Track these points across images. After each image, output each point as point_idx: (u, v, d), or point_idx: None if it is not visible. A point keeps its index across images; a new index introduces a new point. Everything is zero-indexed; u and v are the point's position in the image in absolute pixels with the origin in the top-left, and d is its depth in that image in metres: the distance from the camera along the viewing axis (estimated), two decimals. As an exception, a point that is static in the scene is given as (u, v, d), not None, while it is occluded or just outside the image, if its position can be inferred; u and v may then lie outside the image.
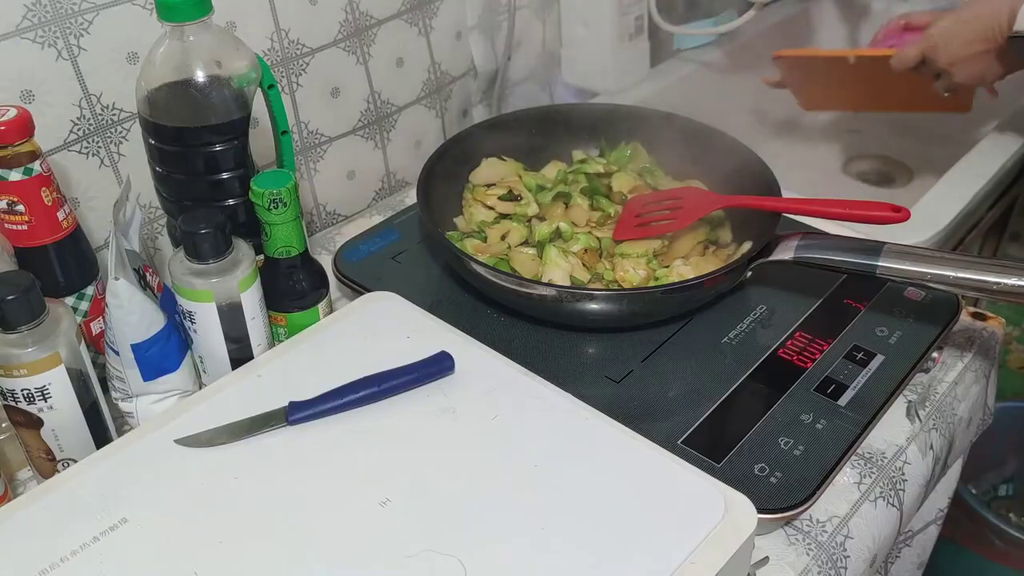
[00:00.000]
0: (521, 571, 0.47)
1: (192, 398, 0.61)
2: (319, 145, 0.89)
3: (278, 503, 0.52)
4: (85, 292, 0.64)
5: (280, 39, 0.82)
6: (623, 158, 0.88)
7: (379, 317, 0.66)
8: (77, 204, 0.73)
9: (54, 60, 0.68)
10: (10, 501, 0.54)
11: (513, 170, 0.85)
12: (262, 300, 0.65)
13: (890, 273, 0.64)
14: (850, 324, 0.71)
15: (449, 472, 0.52)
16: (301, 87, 0.85)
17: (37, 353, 0.55)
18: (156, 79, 0.63)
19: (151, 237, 0.79)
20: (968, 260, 0.61)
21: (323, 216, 0.93)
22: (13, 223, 0.60)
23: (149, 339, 0.59)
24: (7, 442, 0.62)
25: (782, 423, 0.63)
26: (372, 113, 0.93)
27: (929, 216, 0.89)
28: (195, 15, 0.61)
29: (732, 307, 0.73)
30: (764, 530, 0.58)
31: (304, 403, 0.57)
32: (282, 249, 0.65)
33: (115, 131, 0.73)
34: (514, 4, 1.03)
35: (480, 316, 0.73)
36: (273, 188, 0.62)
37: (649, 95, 1.14)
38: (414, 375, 0.59)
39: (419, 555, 0.48)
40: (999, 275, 0.59)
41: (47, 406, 0.57)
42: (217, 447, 0.55)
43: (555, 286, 0.70)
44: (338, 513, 0.51)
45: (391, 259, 0.80)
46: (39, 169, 0.59)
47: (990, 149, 1.00)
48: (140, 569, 0.49)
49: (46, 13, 0.66)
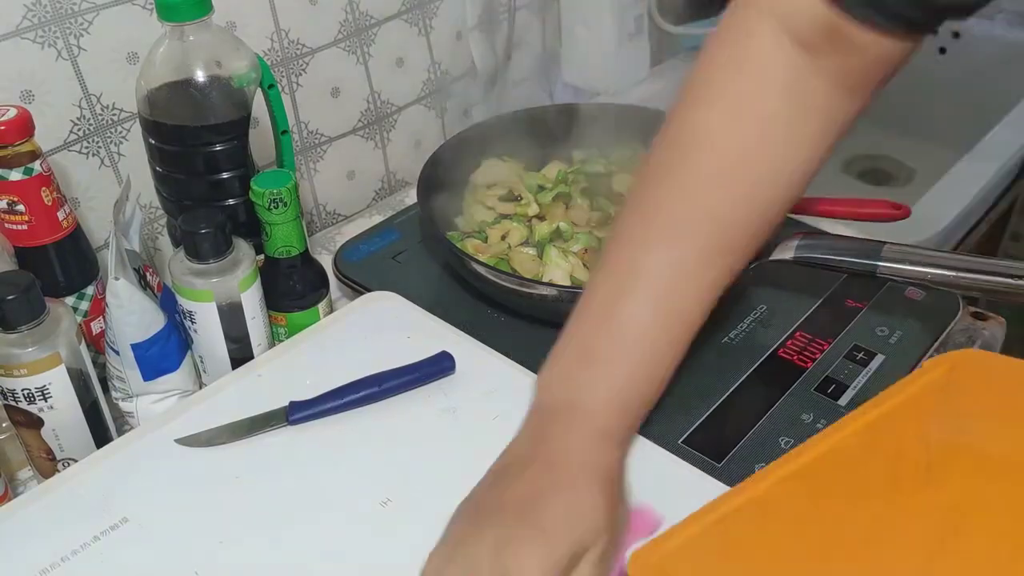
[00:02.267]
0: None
1: (192, 398, 0.61)
2: (319, 145, 0.89)
3: (278, 503, 0.52)
4: (85, 292, 0.64)
5: (280, 39, 0.82)
6: (624, 158, 0.88)
7: (379, 317, 0.66)
8: (77, 204, 0.73)
9: (54, 60, 0.68)
10: (10, 501, 0.55)
11: (513, 170, 0.85)
12: (262, 300, 0.65)
13: (890, 273, 0.64)
14: (850, 324, 0.71)
15: (449, 472, 0.52)
16: (301, 87, 0.85)
17: (37, 353, 0.55)
18: (156, 79, 0.63)
19: (151, 237, 0.79)
20: (968, 260, 0.61)
21: (323, 216, 0.93)
22: (13, 223, 0.60)
23: (149, 339, 0.59)
24: (7, 442, 0.62)
25: (782, 423, 0.63)
26: (372, 113, 0.93)
27: (929, 216, 0.89)
28: (195, 15, 0.61)
29: (732, 307, 0.73)
30: (764, 530, 0.58)
31: (304, 403, 0.57)
32: (282, 249, 0.65)
33: (115, 131, 0.73)
34: (514, 4, 1.03)
35: (480, 316, 0.73)
36: (273, 188, 0.62)
37: (649, 95, 1.14)
38: (414, 375, 0.59)
39: (419, 555, 0.48)
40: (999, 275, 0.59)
41: (47, 406, 0.56)
42: (217, 447, 0.56)
43: (555, 286, 0.70)
44: (338, 513, 0.51)
45: (391, 259, 0.80)
46: (39, 169, 0.59)
47: (990, 149, 1.00)
48: (140, 569, 0.49)
49: (46, 13, 0.66)
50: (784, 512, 0.45)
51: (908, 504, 0.43)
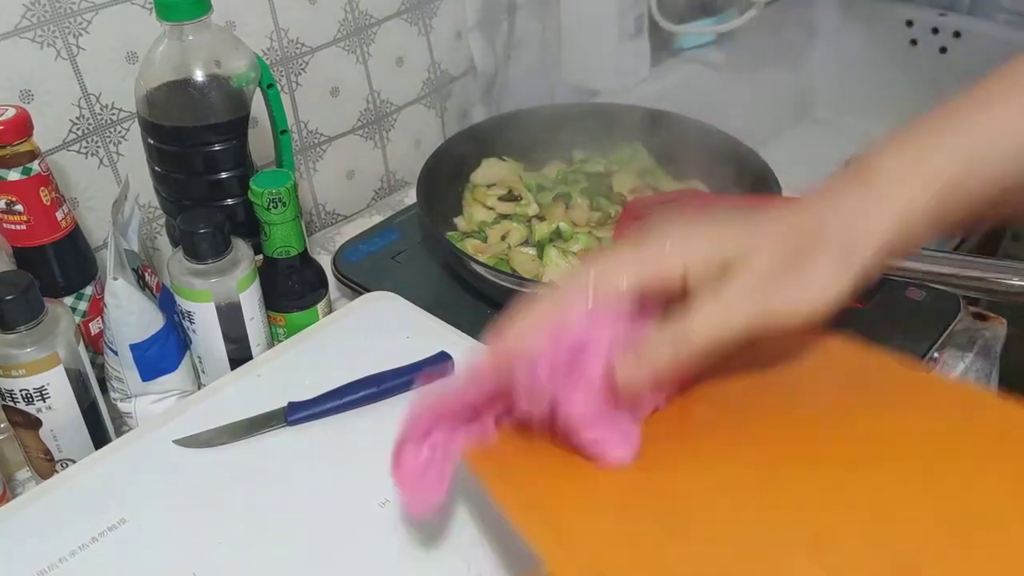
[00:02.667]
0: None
1: (191, 398, 0.61)
2: (318, 145, 0.89)
3: (277, 504, 0.52)
4: (84, 292, 0.64)
5: (279, 38, 0.82)
6: (624, 158, 0.88)
7: (379, 317, 0.66)
8: (76, 204, 0.72)
9: (53, 60, 0.68)
10: (9, 502, 0.54)
11: (513, 170, 0.85)
12: (261, 300, 0.65)
13: (890, 273, 0.64)
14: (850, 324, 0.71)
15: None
16: (300, 86, 0.85)
17: (36, 353, 0.54)
18: (155, 79, 0.63)
19: (150, 237, 0.79)
20: (968, 260, 0.61)
21: (323, 216, 0.93)
22: (12, 223, 0.59)
23: (148, 339, 0.59)
24: (6, 442, 0.62)
25: (782, 423, 0.62)
26: (372, 113, 0.92)
27: (929, 216, 0.88)
28: (194, 14, 0.61)
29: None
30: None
31: (303, 403, 0.57)
32: (281, 249, 0.65)
33: (114, 131, 0.73)
34: (514, 4, 1.03)
35: (480, 316, 0.73)
36: (272, 188, 0.62)
37: (649, 95, 1.14)
38: (413, 375, 0.59)
39: (418, 555, 0.47)
40: (999, 275, 0.59)
41: (46, 406, 0.56)
42: (216, 447, 0.55)
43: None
44: (337, 514, 0.51)
45: (391, 259, 0.80)
46: (38, 169, 0.59)
47: (991, 149, 1.00)
48: (138, 570, 0.49)
49: (45, 13, 0.66)
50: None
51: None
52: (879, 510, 0.39)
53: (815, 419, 0.45)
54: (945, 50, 1.31)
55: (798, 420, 0.45)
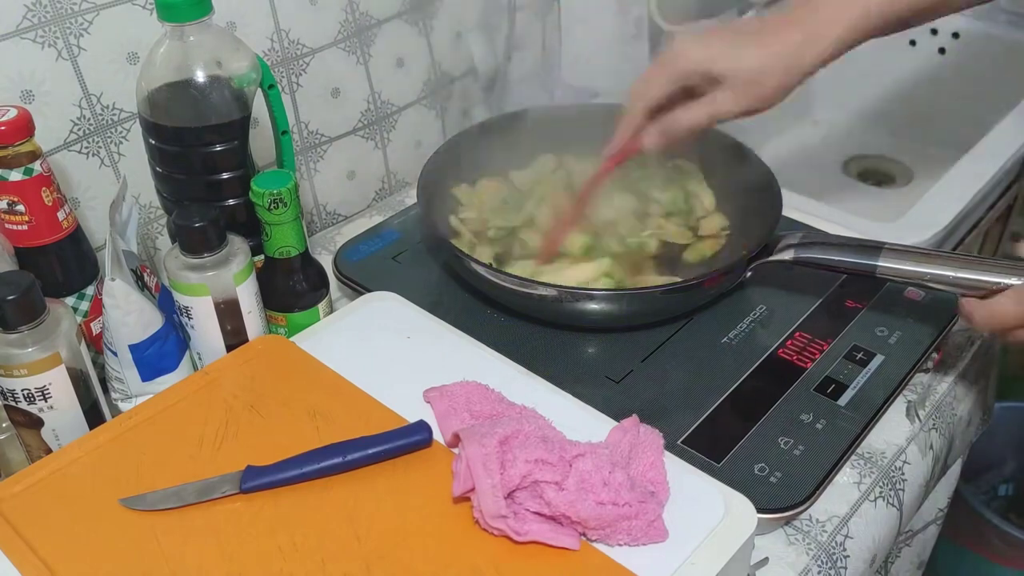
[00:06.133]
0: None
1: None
2: (319, 145, 0.89)
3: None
4: (85, 292, 0.64)
5: (280, 39, 0.82)
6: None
7: (379, 317, 0.66)
8: (77, 204, 0.73)
9: (54, 60, 0.68)
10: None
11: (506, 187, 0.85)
12: (258, 294, 0.65)
13: (890, 273, 0.64)
14: (850, 324, 0.71)
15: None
16: (301, 87, 0.85)
17: (37, 353, 0.55)
18: (156, 79, 0.63)
19: (151, 237, 0.79)
20: (968, 260, 0.61)
21: (323, 216, 0.93)
22: (13, 223, 0.60)
23: (147, 339, 0.59)
24: (7, 442, 0.62)
25: (782, 423, 0.63)
26: (372, 113, 0.93)
27: (929, 216, 0.89)
28: (195, 15, 0.61)
29: (732, 307, 0.73)
30: (764, 530, 0.58)
31: (261, 469, 0.53)
32: (282, 249, 0.65)
33: (115, 131, 0.73)
34: (514, 4, 1.03)
35: (480, 316, 0.73)
36: (273, 188, 0.62)
37: (649, 95, 1.14)
38: (384, 447, 0.54)
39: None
40: (999, 275, 0.59)
41: (47, 406, 0.57)
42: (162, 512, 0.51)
43: (555, 286, 0.70)
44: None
45: (391, 259, 0.80)
46: (39, 169, 0.59)
47: (990, 149, 1.00)
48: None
49: (46, 13, 0.66)
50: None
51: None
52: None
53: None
54: (944, 50, 1.31)
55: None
